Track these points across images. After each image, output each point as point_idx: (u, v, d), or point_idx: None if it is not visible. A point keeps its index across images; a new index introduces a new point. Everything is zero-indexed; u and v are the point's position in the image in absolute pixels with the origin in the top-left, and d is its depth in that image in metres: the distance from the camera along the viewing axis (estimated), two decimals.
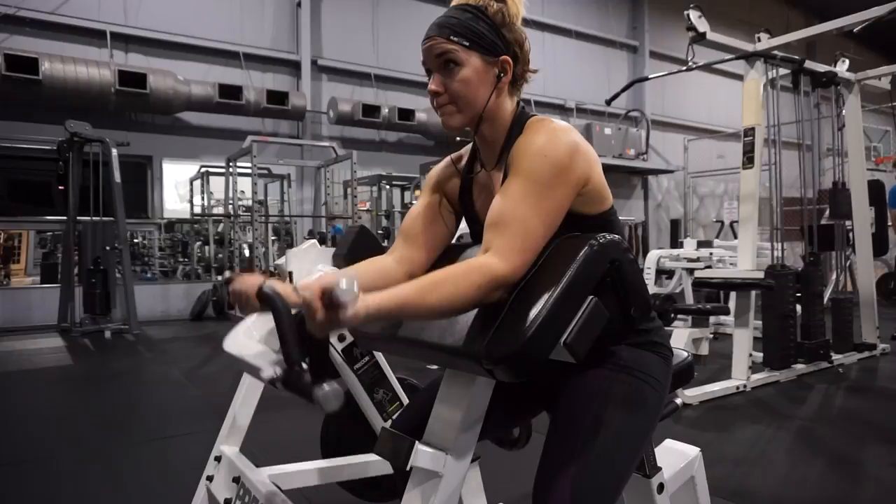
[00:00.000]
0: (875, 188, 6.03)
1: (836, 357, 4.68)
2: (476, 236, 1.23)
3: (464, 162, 1.27)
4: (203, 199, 9.14)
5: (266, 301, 0.92)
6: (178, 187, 9.62)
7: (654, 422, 1.12)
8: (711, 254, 5.87)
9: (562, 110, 12.63)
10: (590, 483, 0.99)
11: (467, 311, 0.97)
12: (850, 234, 5.42)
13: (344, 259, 1.83)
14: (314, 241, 1.81)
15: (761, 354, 4.37)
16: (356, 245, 1.85)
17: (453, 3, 1.13)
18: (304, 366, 0.84)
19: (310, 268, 1.89)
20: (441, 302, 0.92)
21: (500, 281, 0.95)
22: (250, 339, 1.13)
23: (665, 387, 1.14)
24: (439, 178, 1.29)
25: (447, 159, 1.30)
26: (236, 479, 1.64)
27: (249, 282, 0.98)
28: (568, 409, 1.07)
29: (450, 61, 1.08)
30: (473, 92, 1.10)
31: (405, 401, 1.97)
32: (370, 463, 1.90)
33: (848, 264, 5.97)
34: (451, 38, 1.08)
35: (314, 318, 0.83)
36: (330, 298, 0.82)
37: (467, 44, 1.08)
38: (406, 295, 0.91)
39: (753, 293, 4.15)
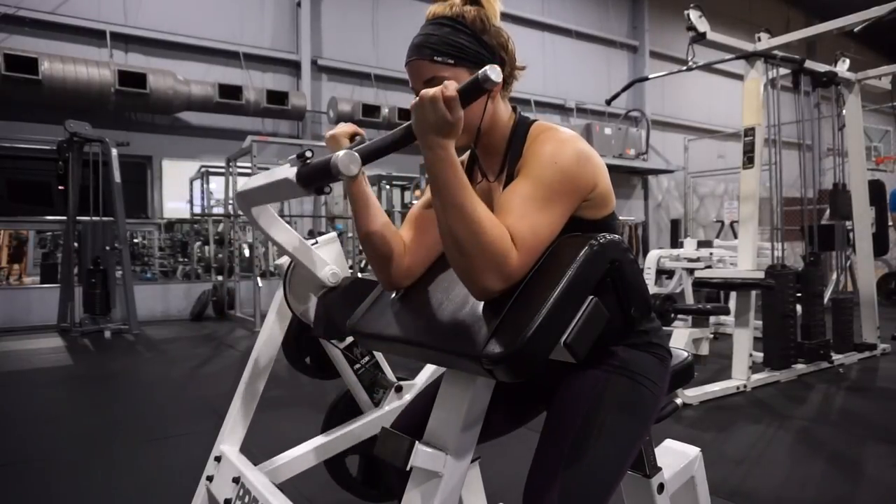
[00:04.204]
0: (875, 188, 6.03)
1: (836, 357, 4.67)
2: None
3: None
4: (203, 198, 9.15)
5: (356, 140, 1.13)
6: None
7: (648, 424, 1.11)
8: (711, 254, 5.87)
9: (562, 110, 12.62)
10: (579, 486, 0.98)
11: (470, 260, 0.93)
12: (851, 234, 5.42)
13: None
14: (315, 240, 1.78)
15: (761, 354, 4.37)
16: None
17: (428, 18, 1.09)
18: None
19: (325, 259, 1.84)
20: (474, 217, 0.92)
21: (506, 264, 0.92)
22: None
23: (662, 388, 1.14)
24: None
25: None
26: (236, 479, 1.64)
27: (351, 125, 1.18)
28: (561, 409, 1.07)
29: (439, 84, 1.06)
30: (468, 109, 1.08)
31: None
32: (359, 431, 1.89)
33: (848, 264, 5.97)
34: (435, 58, 1.05)
35: (443, 90, 0.89)
36: (476, 79, 0.86)
37: (452, 61, 1.05)
38: (466, 183, 0.94)
39: (753, 293, 4.15)
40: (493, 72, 0.85)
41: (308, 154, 0.93)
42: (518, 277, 0.95)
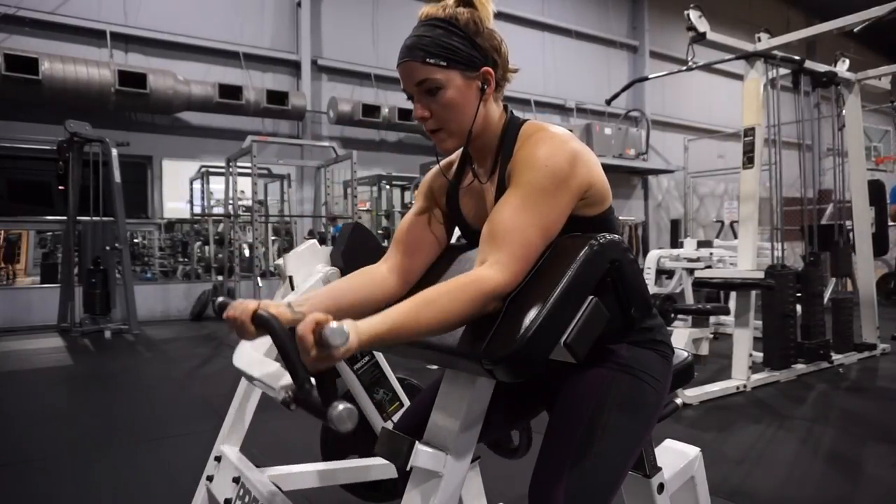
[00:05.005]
0: (875, 188, 6.03)
1: (836, 357, 4.67)
2: (470, 242, 1.22)
3: (454, 168, 1.25)
4: (203, 199, 9.15)
5: (263, 325, 0.91)
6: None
7: (652, 421, 1.11)
8: (711, 254, 5.86)
9: (562, 110, 12.63)
10: (584, 486, 0.98)
11: (463, 325, 0.96)
12: (851, 235, 5.43)
13: (342, 256, 1.82)
14: (314, 240, 1.79)
15: (761, 354, 4.37)
16: (352, 241, 1.84)
17: (421, 19, 1.08)
18: (312, 382, 0.82)
19: (309, 269, 1.89)
20: (437, 320, 0.91)
21: (496, 292, 0.94)
22: (258, 352, 1.14)
23: (665, 385, 1.13)
24: (431, 186, 1.27)
25: (437, 167, 1.28)
26: (236, 480, 1.64)
27: (244, 308, 0.94)
28: (564, 409, 1.07)
29: (430, 85, 1.05)
30: (460, 112, 1.07)
31: (405, 401, 1.97)
32: (371, 467, 1.90)
33: None
34: (427, 60, 1.04)
35: (307, 354, 0.80)
36: (321, 337, 0.79)
37: (444, 63, 1.04)
38: (400, 316, 0.89)
39: (753, 293, 4.15)
40: (333, 332, 0.79)
41: (292, 407, 0.84)
42: (513, 288, 0.96)
